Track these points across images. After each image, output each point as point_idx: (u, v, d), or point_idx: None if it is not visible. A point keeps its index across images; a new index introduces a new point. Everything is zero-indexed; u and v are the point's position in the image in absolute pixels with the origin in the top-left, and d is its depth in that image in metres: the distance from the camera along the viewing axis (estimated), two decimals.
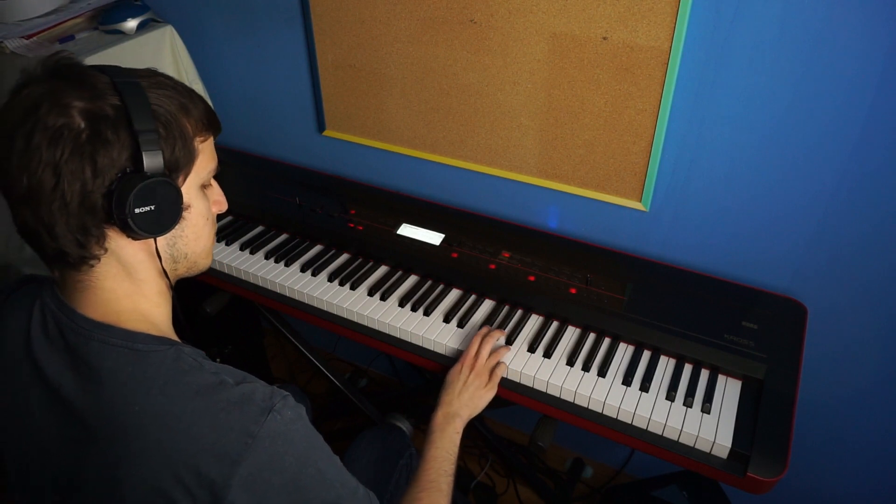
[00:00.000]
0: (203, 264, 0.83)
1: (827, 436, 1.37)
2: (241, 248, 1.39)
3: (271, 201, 1.51)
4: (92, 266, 0.71)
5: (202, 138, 0.75)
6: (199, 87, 1.64)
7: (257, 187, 1.58)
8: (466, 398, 1.06)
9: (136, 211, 0.66)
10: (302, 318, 1.30)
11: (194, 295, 1.44)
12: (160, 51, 1.55)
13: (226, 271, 1.36)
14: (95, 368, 0.69)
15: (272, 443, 0.67)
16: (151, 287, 0.76)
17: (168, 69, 1.58)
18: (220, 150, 1.82)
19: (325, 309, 1.26)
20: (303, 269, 1.32)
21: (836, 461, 1.40)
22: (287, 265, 1.34)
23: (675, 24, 1.05)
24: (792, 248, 1.19)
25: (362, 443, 1.30)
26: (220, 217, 1.49)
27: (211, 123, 0.77)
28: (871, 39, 0.96)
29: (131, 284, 0.74)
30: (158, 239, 0.73)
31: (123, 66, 0.74)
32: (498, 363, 1.10)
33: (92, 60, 1.40)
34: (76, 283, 0.72)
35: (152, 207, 0.68)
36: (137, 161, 0.66)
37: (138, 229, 0.67)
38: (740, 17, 1.02)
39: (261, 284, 1.32)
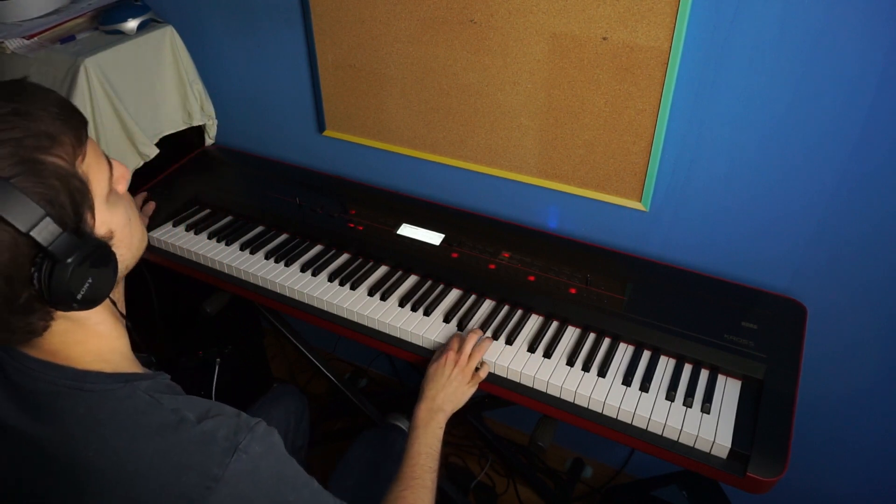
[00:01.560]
0: (142, 250, 0.76)
1: (827, 436, 1.37)
2: (241, 248, 1.39)
3: (271, 201, 1.51)
4: (42, 333, 0.66)
5: (81, 157, 0.63)
6: (198, 87, 1.64)
7: (257, 187, 1.58)
8: (450, 393, 1.04)
9: (80, 297, 0.61)
10: (302, 318, 1.30)
11: (194, 295, 1.44)
12: (160, 51, 1.55)
13: (226, 271, 1.36)
14: (46, 410, 0.65)
15: (237, 484, 0.64)
16: (103, 324, 0.71)
17: (168, 69, 1.58)
18: (221, 150, 1.82)
19: (325, 309, 1.26)
20: (303, 269, 1.32)
21: (836, 461, 1.40)
22: (287, 265, 1.34)
23: (675, 24, 1.05)
24: (792, 248, 1.19)
25: (363, 443, 1.30)
26: (220, 217, 1.50)
27: (78, 131, 0.63)
28: (871, 39, 0.96)
29: (83, 332, 0.69)
30: None
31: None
32: (482, 363, 1.09)
33: (92, 61, 1.40)
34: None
35: (90, 281, 0.62)
36: (38, 247, 0.58)
37: (90, 306, 0.63)
38: (740, 17, 1.02)
39: (261, 284, 1.32)
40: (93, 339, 0.70)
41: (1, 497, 0.72)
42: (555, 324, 1.18)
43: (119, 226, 0.69)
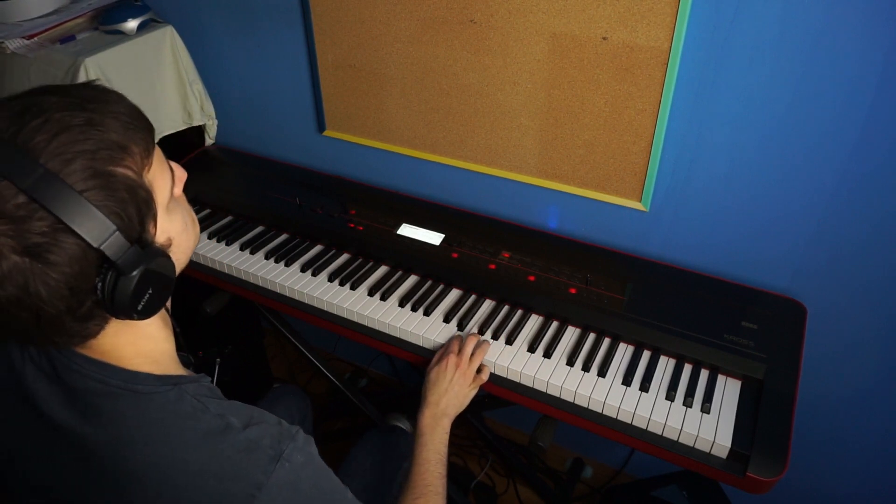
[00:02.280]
0: (196, 246, 0.76)
1: (827, 436, 1.37)
2: (241, 248, 1.39)
3: (271, 201, 1.51)
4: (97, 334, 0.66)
5: (147, 167, 0.63)
6: (198, 87, 1.64)
7: (257, 187, 1.58)
8: (452, 396, 1.04)
9: (140, 307, 0.61)
10: (302, 318, 1.30)
11: (194, 295, 1.44)
12: (160, 51, 1.55)
13: (226, 271, 1.36)
14: (95, 410, 0.65)
15: (279, 493, 0.64)
16: (153, 325, 0.71)
17: (168, 69, 1.58)
18: (221, 150, 1.82)
19: (325, 309, 1.26)
20: (303, 269, 1.32)
21: (836, 461, 1.40)
22: (287, 265, 1.34)
23: (675, 24, 1.05)
24: (792, 248, 1.19)
25: (365, 446, 1.29)
26: (220, 217, 1.50)
27: (147, 140, 0.63)
28: (871, 39, 0.96)
29: (133, 333, 0.69)
30: None
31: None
32: (483, 366, 1.09)
33: (92, 61, 1.40)
34: None
35: (150, 293, 0.62)
36: (105, 259, 0.58)
37: (149, 315, 0.63)
38: (740, 17, 1.02)
39: (261, 284, 1.32)
40: (142, 340, 0.70)
41: (50, 496, 0.72)
42: (555, 324, 1.18)
43: (177, 232, 0.69)
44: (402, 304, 1.23)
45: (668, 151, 1.20)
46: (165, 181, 0.66)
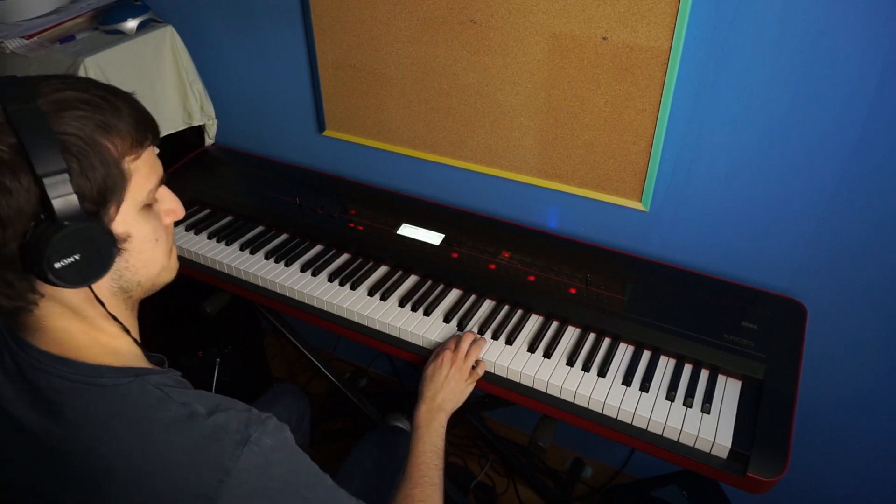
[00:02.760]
0: (163, 281, 0.76)
1: (827, 436, 1.37)
2: (241, 248, 1.39)
3: (271, 201, 1.51)
4: (32, 311, 0.65)
5: (133, 156, 0.65)
6: (198, 87, 1.64)
7: (257, 187, 1.58)
8: (449, 392, 1.05)
9: (57, 266, 0.59)
10: (302, 318, 1.30)
11: (194, 295, 1.44)
12: (160, 51, 1.55)
13: (226, 271, 1.36)
14: (59, 407, 0.65)
15: (249, 477, 0.63)
16: (105, 321, 0.70)
17: (168, 69, 1.58)
18: (221, 150, 1.82)
19: (325, 309, 1.26)
20: (303, 269, 1.32)
21: (836, 461, 1.40)
22: (287, 265, 1.34)
23: (675, 24, 1.05)
24: (792, 248, 1.19)
25: (365, 446, 1.29)
26: (220, 217, 1.50)
27: (144, 134, 0.67)
28: (871, 39, 0.96)
29: (82, 322, 0.68)
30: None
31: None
32: (478, 361, 1.10)
33: (92, 60, 1.40)
34: (25, 324, 0.67)
35: (76, 258, 0.60)
36: (49, 207, 0.58)
37: (63, 283, 0.61)
38: (740, 17, 1.02)
39: (261, 284, 1.32)
40: (96, 331, 0.69)
41: (18, 498, 0.71)
42: (555, 324, 1.18)
43: (140, 237, 0.68)
44: (402, 304, 1.23)
45: (668, 151, 1.20)
46: (147, 182, 0.68)
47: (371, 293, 1.26)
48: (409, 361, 1.21)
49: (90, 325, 0.69)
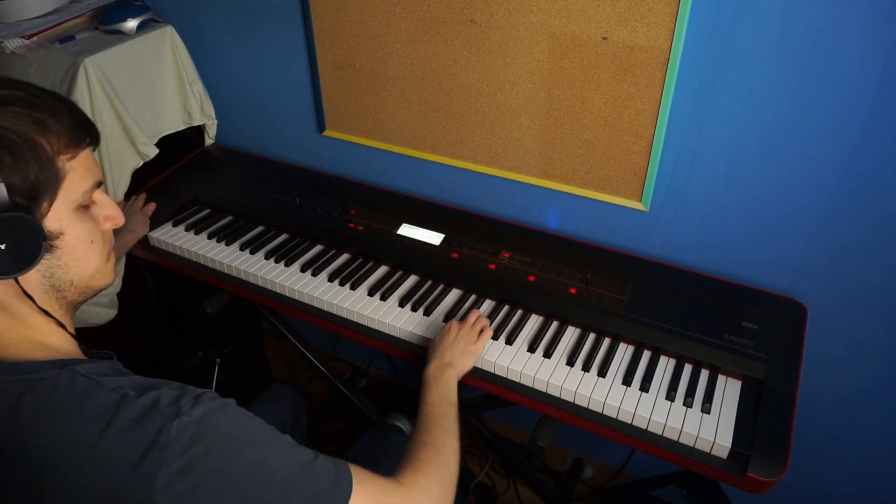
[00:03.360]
0: (99, 284, 0.76)
1: (827, 436, 1.37)
2: (241, 248, 1.39)
3: (271, 201, 1.51)
4: None
5: (69, 155, 0.67)
6: (198, 87, 1.64)
7: (257, 187, 1.58)
8: (458, 351, 1.07)
9: None
10: (302, 318, 1.30)
11: (194, 295, 1.44)
12: (160, 51, 1.55)
13: (226, 271, 1.36)
14: None
15: (184, 448, 0.62)
16: (37, 318, 0.70)
17: (168, 69, 1.58)
18: (221, 150, 1.82)
19: (325, 309, 1.26)
20: (303, 269, 1.32)
21: (836, 461, 1.40)
22: (287, 265, 1.34)
23: (675, 24, 1.05)
24: (792, 248, 1.19)
25: (363, 444, 1.30)
26: (220, 217, 1.50)
27: (81, 136, 0.69)
28: (871, 39, 0.96)
29: (11, 319, 0.68)
30: (30, 272, 0.66)
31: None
32: (484, 329, 1.13)
33: (92, 61, 1.40)
34: None
35: (2, 247, 0.61)
36: None
37: None
38: (740, 17, 1.02)
39: (261, 284, 1.32)
40: (26, 329, 0.69)
41: None
42: (555, 324, 1.18)
43: (74, 236, 0.69)
44: (402, 304, 1.23)
45: (668, 151, 1.20)
46: (83, 182, 0.69)
47: (371, 293, 1.26)
48: (408, 361, 1.21)
49: (19, 322, 0.69)
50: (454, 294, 1.26)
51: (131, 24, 1.51)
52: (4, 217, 0.61)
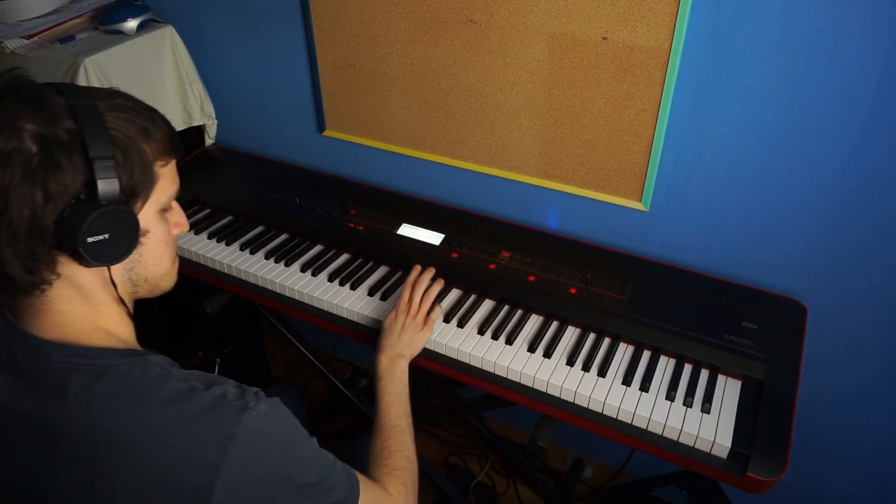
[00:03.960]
0: (165, 286, 0.81)
1: (827, 436, 1.37)
2: (241, 248, 1.39)
3: (271, 201, 1.51)
4: (43, 291, 0.68)
5: (163, 162, 0.73)
6: (198, 87, 1.64)
7: (257, 187, 1.58)
8: (406, 340, 1.11)
9: (89, 240, 0.64)
10: (302, 318, 1.30)
11: (194, 295, 1.44)
12: (160, 51, 1.55)
13: (226, 271, 1.36)
14: (60, 389, 0.67)
15: (250, 440, 0.67)
16: (110, 309, 0.74)
17: (168, 69, 1.58)
18: (221, 150, 1.82)
19: (325, 309, 1.26)
20: (303, 269, 1.32)
21: (836, 461, 1.40)
22: (287, 265, 1.34)
23: (675, 24, 1.05)
24: (792, 248, 1.19)
25: (364, 444, 1.29)
26: (220, 217, 1.50)
27: (173, 147, 0.75)
28: (871, 39, 0.96)
29: (88, 307, 0.72)
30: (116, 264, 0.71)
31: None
32: (433, 307, 1.15)
33: (92, 60, 1.40)
34: (28, 307, 0.70)
35: (106, 236, 0.66)
36: (92, 188, 0.64)
37: (91, 258, 0.66)
38: (740, 17, 1.02)
39: (261, 284, 1.32)
40: (97, 316, 0.73)
41: (13, 488, 0.72)
42: (555, 324, 1.18)
43: (156, 235, 0.75)
44: None
45: (668, 151, 1.20)
46: (169, 188, 0.76)
47: (371, 293, 1.26)
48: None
49: (94, 311, 0.72)
50: (454, 294, 1.26)
51: (131, 24, 1.51)
52: (114, 209, 0.66)
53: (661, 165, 1.22)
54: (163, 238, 0.76)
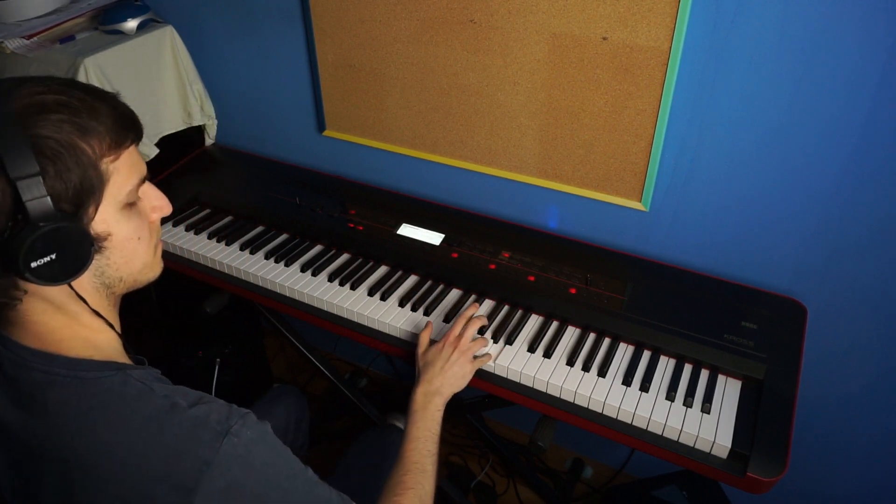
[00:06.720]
0: (146, 278, 0.76)
1: (827, 436, 1.37)
2: (241, 248, 1.39)
3: (271, 201, 1.51)
4: (15, 307, 0.66)
5: (112, 157, 0.66)
6: (198, 87, 1.64)
7: (257, 187, 1.58)
8: (450, 376, 1.04)
9: (33, 265, 0.60)
10: (302, 318, 1.30)
11: (194, 295, 1.44)
12: (160, 51, 1.55)
13: (226, 271, 1.36)
14: (39, 401, 0.65)
15: (229, 468, 0.64)
16: (88, 317, 0.71)
17: (168, 69, 1.58)
18: (221, 150, 1.82)
19: (325, 309, 1.26)
20: (303, 269, 1.32)
21: (836, 461, 1.40)
22: (287, 265, 1.34)
23: (675, 24, 1.05)
24: (792, 248, 1.19)
25: (363, 443, 1.30)
26: (220, 217, 1.50)
27: (123, 136, 0.67)
28: (871, 39, 0.96)
29: (65, 317, 0.69)
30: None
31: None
32: (483, 353, 1.09)
33: (92, 61, 1.40)
34: (8, 319, 0.68)
35: (52, 257, 0.61)
36: (24, 208, 0.59)
37: (42, 281, 0.62)
38: (740, 17, 1.02)
39: (261, 284, 1.32)
40: (77, 325, 0.70)
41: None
42: (555, 324, 1.18)
43: (121, 236, 0.69)
44: (402, 304, 1.23)
45: (668, 151, 1.20)
46: (127, 182, 0.68)
47: (371, 293, 1.26)
48: (408, 361, 1.21)
49: (72, 320, 0.70)
50: (454, 294, 1.26)
51: (131, 24, 1.51)
52: (52, 229, 0.60)
53: (661, 165, 1.22)
54: (130, 235, 0.70)
